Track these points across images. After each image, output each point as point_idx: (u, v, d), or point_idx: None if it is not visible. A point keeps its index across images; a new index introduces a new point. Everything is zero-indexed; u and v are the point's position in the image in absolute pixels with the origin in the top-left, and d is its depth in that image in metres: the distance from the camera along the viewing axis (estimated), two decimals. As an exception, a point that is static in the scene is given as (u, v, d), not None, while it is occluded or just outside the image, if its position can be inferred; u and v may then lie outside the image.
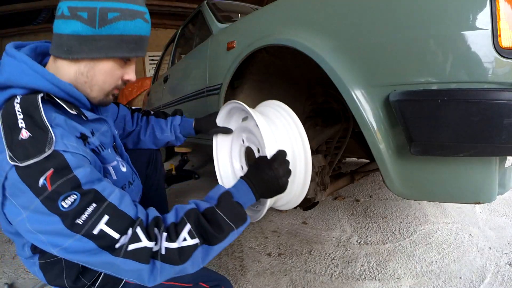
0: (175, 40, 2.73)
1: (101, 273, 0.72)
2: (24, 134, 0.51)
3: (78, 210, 0.51)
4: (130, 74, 0.69)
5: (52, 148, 0.51)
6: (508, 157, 0.75)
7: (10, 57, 0.59)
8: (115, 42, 0.61)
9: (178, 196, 2.16)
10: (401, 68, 0.69)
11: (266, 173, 0.66)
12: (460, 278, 1.04)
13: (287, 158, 0.70)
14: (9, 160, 0.49)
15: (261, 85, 1.44)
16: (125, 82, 0.70)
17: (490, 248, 1.20)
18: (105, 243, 0.52)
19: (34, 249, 0.67)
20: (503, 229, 1.34)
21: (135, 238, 0.53)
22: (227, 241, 0.60)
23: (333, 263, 1.18)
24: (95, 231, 0.51)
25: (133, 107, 1.10)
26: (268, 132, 0.71)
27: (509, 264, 1.09)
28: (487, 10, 0.58)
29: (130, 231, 0.54)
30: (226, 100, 1.39)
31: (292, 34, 0.94)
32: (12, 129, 0.51)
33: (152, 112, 1.11)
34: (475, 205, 1.59)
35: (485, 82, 0.60)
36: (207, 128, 0.98)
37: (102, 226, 0.52)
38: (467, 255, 1.16)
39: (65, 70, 0.63)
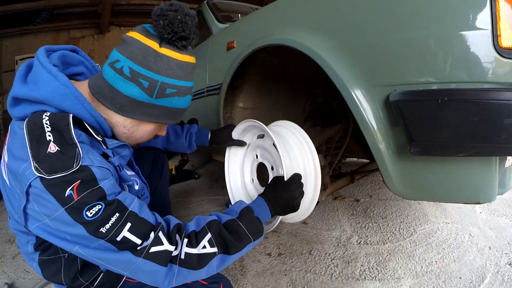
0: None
1: (99, 273, 0.73)
2: (52, 148, 0.53)
3: (102, 219, 0.53)
4: (163, 132, 0.76)
5: (80, 163, 0.53)
6: (508, 157, 0.75)
7: (50, 75, 0.59)
8: (165, 112, 0.67)
9: (178, 196, 2.16)
10: (401, 68, 0.69)
11: (283, 194, 0.73)
12: (460, 278, 1.04)
13: (302, 180, 0.78)
14: (35, 171, 0.51)
15: (261, 85, 1.44)
16: (156, 136, 0.76)
17: (490, 248, 1.20)
18: (127, 247, 0.55)
19: (37, 247, 0.68)
20: (503, 229, 1.34)
21: (157, 241, 0.57)
22: (243, 251, 0.66)
23: (333, 263, 1.18)
24: (119, 238, 0.54)
25: None
26: (286, 156, 0.79)
27: (509, 264, 1.09)
28: (487, 10, 0.58)
29: (152, 235, 0.57)
30: (226, 100, 1.39)
31: (292, 34, 0.94)
32: (39, 141, 0.53)
33: None
34: (475, 205, 1.59)
35: (485, 82, 0.60)
36: (223, 140, 1.01)
37: (125, 233, 0.55)
38: (467, 255, 1.16)
39: (108, 115, 0.66)
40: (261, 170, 0.97)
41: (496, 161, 0.67)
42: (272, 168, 0.89)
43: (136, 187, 0.76)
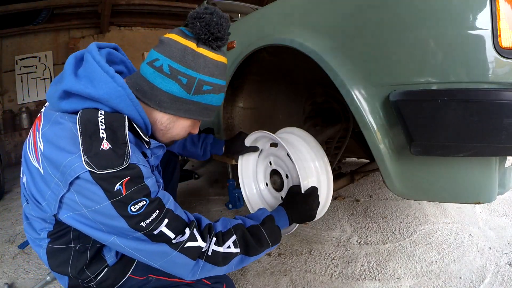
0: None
1: (105, 267, 0.74)
2: (105, 145, 0.55)
3: (145, 214, 0.57)
4: (196, 130, 0.80)
5: (129, 161, 0.57)
6: (508, 157, 0.75)
7: (108, 76, 0.61)
8: (200, 109, 0.71)
9: (178, 196, 2.15)
10: (401, 68, 0.69)
11: (301, 205, 0.80)
12: (460, 278, 1.04)
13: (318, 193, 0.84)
14: (86, 165, 0.53)
15: (261, 85, 1.44)
16: (189, 134, 0.80)
17: (490, 248, 1.20)
18: (161, 240, 0.60)
19: (51, 235, 0.70)
20: (503, 229, 1.34)
21: (192, 238, 0.63)
22: (261, 255, 0.72)
23: (333, 263, 1.18)
24: (156, 232, 0.59)
25: None
26: (303, 170, 0.84)
27: (509, 264, 1.09)
28: (487, 10, 0.58)
29: (188, 231, 0.63)
30: (226, 100, 1.39)
31: (292, 34, 0.94)
32: (92, 137, 0.56)
33: None
34: (475, 205, 1.59)
35: (485, 82, 0.60)
36: (237, 150, 1.06)
37: (162, 228, 0.59)
38: (467, 255, 1.16)
39: (147, 113, 0.68)
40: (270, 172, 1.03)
41: (496, 161, 0.67)
42: (287, 176, 0.95)
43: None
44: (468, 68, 0.61)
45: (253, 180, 1.08)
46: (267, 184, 1.04)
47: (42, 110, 0.69)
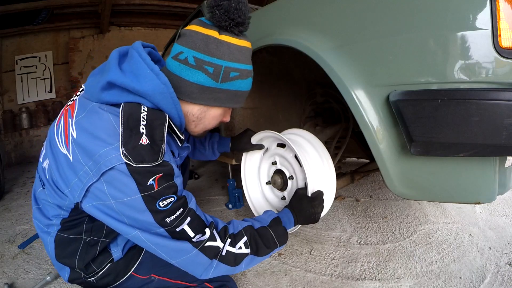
0: (175, 40, 2.73)
1: (107, 263, 0.74)
2: (144, 140, 0.57)
3: (171, 211, 0.60)
4: (227, 118, 0.81)
5: (163, 158, 0.59)
6: (508, 157, 0.75)
7: (152, 72, 0.62)
8: (230, 96, 0.71)
9: (178, 196, 2.16)
10: (401, 68, 0.69)
11: (307, 208, 0.81)
12: (460, 278, 1.04)
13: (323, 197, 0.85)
14: (123, 157, 0.55)
15: (261, 85, 1.44)
16: (221, 122, 0.81)
17: (490, 248, 1.20)
18: (182, 238, 0.62)
19: (64, 223, 0.70)
20: (503, 229, 1.34)
21: (212, 238, 0.65)
22: (269, 255, 0.74)
23: (333, 263, 1.18)
24: (178, 229, 0.61)
25: None
26: (311, 173, 0.84)
27: (509, 264, 1.09)
28: (487, 10, 0.58)
29: (208, 231, 0.65)
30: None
31: (292, 34, 0.94)
32: (132, 130, 0.57)
33: None
34: (475, 205, 1.59)
35: (485, 82, 0.60)
36: (244, 147, 1.06)
37: (184, 226, 0.62)
38: (467, 255, 1.16)
39: None
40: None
41: (496, 161, 0.67)
42: (291, 177, 0.96)
43: None
44: (468, 68, 0.61)
45: (256, 178, 1.09)
46: (269, 182, 1.04)
47: (75, 98, 0.69)
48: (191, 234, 0.63)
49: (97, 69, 0.70)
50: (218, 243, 0.65)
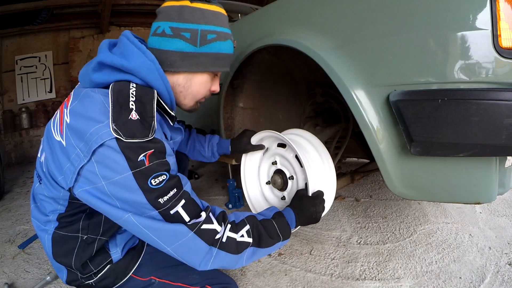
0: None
1: (106, 264, 0.73)
2: (134, 115, 0.57)
3: (164, 189, 0.58)
4: (216, 86, 0.80)
5: (154, 135, 0.58)
6: (508, 157, 0.75)
7: (139, 50, 0.65)
8: (211, 59, 0.72)
9: (178, 196, 2.16)
10: (401, 68, 0.69)
11: (309, 208, 0.80)
12: (460, 278, 1.04)
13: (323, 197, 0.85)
14: (113, 132, 0.54)
15: (261, 85, 1.44)
16: (211, 93, 0.81)
17: (490, 248, 1.20)
18: (176, 221, 0.60)
19: (61, 218, 0.70)
20: (503, 229, 1.34)
21: (208, 220, 0.63)
22: (271, 249, 0.72)
23: (333, 263, 1.18)
24: (172, 211, 0.59)
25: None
26: (312, 174, 0.84)
27: (509, 264, 1.09)
28: (487, 10, 0.58)
29: (204, 214, 0.63)
30: (226, 100, 1.39)
31: (292, 34, 0.94)
32: (122, 106, 0.57)
33: (192, 127, 1.20)
34: (475, 205, 1.59)
35: (485, 82, 0.60)
36: (243, 148, 1.06)
37: (178, 208, 0.60)
38: (467, 255, 1.16)
39: None
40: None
41: (496, 161, 0.67)
42: (292, 177, 0.95)
43: None
44: (468, 68, 0.61)
45: (255, 177, 1.09)
46: (268, 182, 1.04)
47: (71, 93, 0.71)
48: (186, 218, 0.60)
49: (89, 61, 0.71)
50: (215, 226, 0.63)
